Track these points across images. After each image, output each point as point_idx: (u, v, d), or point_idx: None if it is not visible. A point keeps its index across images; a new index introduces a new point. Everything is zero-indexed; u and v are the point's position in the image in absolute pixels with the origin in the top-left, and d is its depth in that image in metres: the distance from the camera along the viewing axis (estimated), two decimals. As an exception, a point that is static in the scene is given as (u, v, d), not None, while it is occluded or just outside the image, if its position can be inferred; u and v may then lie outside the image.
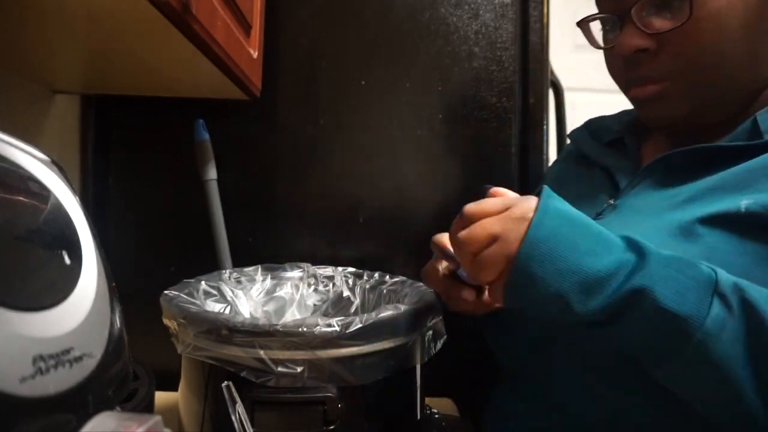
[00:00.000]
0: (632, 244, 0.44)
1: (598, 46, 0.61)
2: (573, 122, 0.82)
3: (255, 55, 0.79)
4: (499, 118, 0.92)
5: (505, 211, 0.46)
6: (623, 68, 0.58)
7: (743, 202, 0.47)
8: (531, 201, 0.46)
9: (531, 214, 0.45)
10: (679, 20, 0.51)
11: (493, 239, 0.45)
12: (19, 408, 0.24)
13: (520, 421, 0.60)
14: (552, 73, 1.09)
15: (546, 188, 0.48)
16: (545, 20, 0.92)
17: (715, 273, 0.42)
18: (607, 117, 0.72)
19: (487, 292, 0.55)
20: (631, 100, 0.60)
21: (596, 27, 0.61)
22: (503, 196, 0.52)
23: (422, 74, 0.91)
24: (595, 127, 0.70)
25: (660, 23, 0.52)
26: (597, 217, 0.58)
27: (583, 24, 0.61)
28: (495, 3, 0.91)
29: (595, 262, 0.43)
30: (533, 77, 0.92)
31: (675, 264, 0.42)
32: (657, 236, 0.50)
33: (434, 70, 0.91)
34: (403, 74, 0.91)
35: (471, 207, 0.48)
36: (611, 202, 0.59)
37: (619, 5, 0.55)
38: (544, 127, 0.93)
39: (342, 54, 0.91)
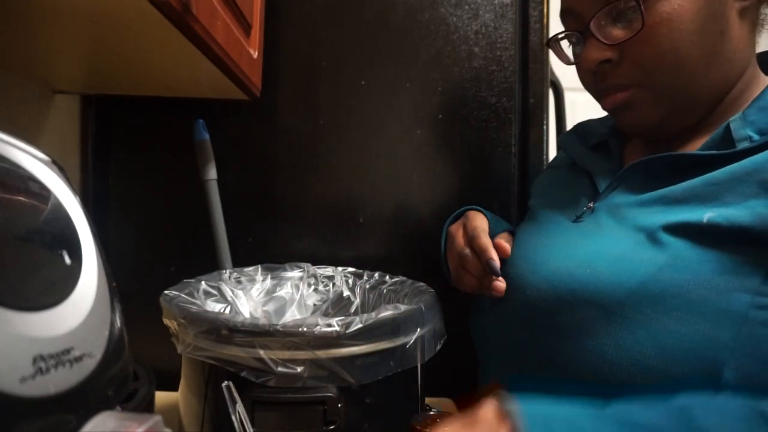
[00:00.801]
0: None
1: (569, 62, 0.63)
2: (573, 122, 0.82)
3: (255, 55, 0.79)
4: (499, 118, 0.92)
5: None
6: (592, 81, 0.59)
7: (706, 215, 0.48)
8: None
9: None
10: (633, 29, 0.53)
11: None
12: (19, 408, 0.24)
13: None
14: (552, 73, 1.09)
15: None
16: (545, 20, 0.92)
17: None
18: (594, 120, 0.74)
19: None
20: (605, 110, 0.62)
21: (566, 44, 0.64)
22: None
23: (422, 74, 0.91)
24: (582, 131, 0.72)
25: (618, 33, 0.54)
26: (577, 219, 0.60)
27: (553, 43, 0.63)
28: (495, 3, 0.91)
29: None
30: (533, 77, 0.92)
31: None
32: (627, 241, 0.52)
33: (434, 70, 0.91)
34: (403, 74, 0.91)
35: None
36: (590, 205, 0.60)
37: (580, 21, 0.57)
38: (544, 126, 0.93)
39: (342, 54, 0.91)
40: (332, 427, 0.51)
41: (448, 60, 0.91)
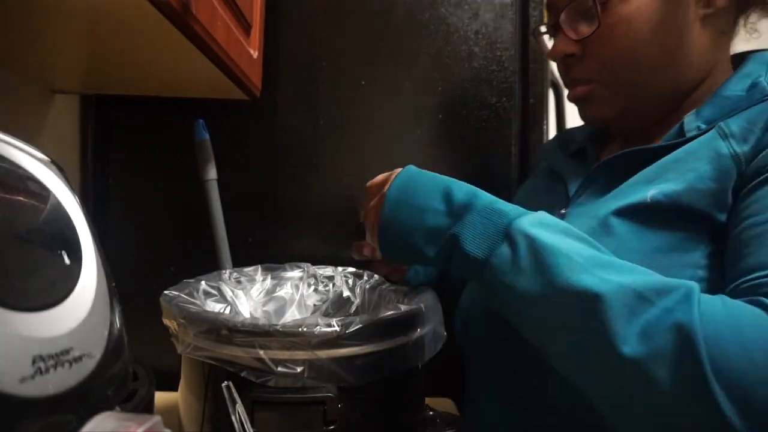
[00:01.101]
0: (467, 197, 0.52)
1: (547, 54, 0.66)
2: (573, 122, 0.82)
3: (255, 55, 0.79)
4: (499, 118, 0.92)
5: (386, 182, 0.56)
6: (563, 72, 0.63)
7: (649, 193, 0.51)
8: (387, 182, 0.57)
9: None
10: (592, 27, 0.56)
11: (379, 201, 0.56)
12: (19, 408, 0.24)
13: (497, 421, 0.61)
14: (552, 73, 1.09)
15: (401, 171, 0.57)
16: (545, 20, 0.92)
17: (514, 219, 0.49)
18: (575, 128, 0.76)
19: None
20: (570, 101, 0.64)
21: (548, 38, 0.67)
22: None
23: (422, 74, 0.91)
24: (563, 139, 0.73)
25: (583, 29, 0.57)
26: None
27: (536, 35, 0.67)
28: (495, 3, 0.91)
29: (431, 220, 0.52)
30: (533, 77, 0.92)
31: (486, 212, 0.50)
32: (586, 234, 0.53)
33: (434, 70, 0.91)
34: (403, 74, 0.91)
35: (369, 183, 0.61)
36: (562, 212, 0.61)
37: (556, 14, 0.60)
38: (544, 126, 0.93)
39: (342, 54, 0.91)
40: (332, 427, 0.51)
41: (448, 60, 0.91)
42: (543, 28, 0.66)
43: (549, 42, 0.67)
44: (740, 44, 0.60)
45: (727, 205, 0.48)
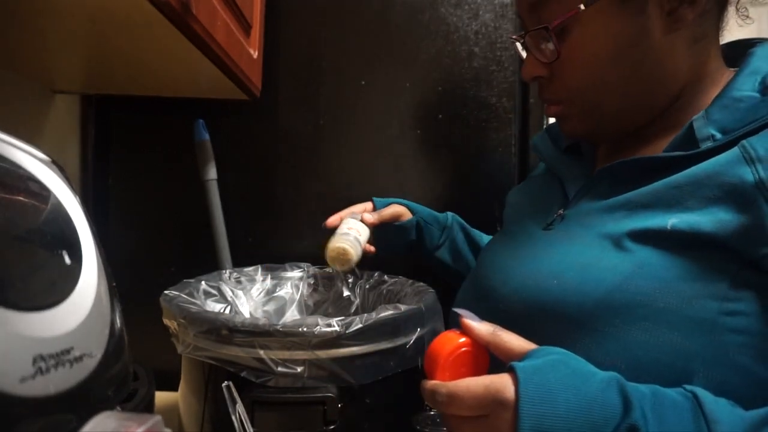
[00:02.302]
0: (627, 408, 0.41)
1: (521, 75, 0.65)
2: (573, 122, 0.83)
3: (255, 55, 0.79)
4: (499, 118, 0.92)
5: (479, 417, 0.43)
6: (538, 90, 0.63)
7: (670, 221, 0.48)
8: (507, 412, 0.41)
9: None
10: (553, 56, 0.55)
11: None
12: (19, 408, 0.24)
13: None
14: (552, 73, 1.09)
15: (522, 381, 0.41)
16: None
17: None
18: None
19: None
20: (549, 117, 0.64)
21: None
22: (471, 329, 0.47)
23: (422, 74, 0.91)
24: (555, 131, 0.71)
25: (548, 53, 0.56)
26: (547, 227, 0.60)
27: (512, 44, 0.67)
28: (495, 3, 0.91)
29: None
30: (533, 77, 0.92)
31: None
32: (593, 250, 0.51)
33: (434, 70, 0.91)
34: (403, 74, 0.91)
35: (442, 399, 0.44)
36: (560, 212, 0.60)
37: (523, 34, 0.60)
38: (544, 126, 0.93)
39: (342, 54, 0.91)
40: (332, 427, 0.51)
41: (448, 60, 0.91)
42: (518, 43, 0.64)
43: (523, 52, 0.65)
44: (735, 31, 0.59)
45: (764, 240, 0.44)
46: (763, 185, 0.44)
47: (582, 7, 0.52)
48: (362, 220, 0.75)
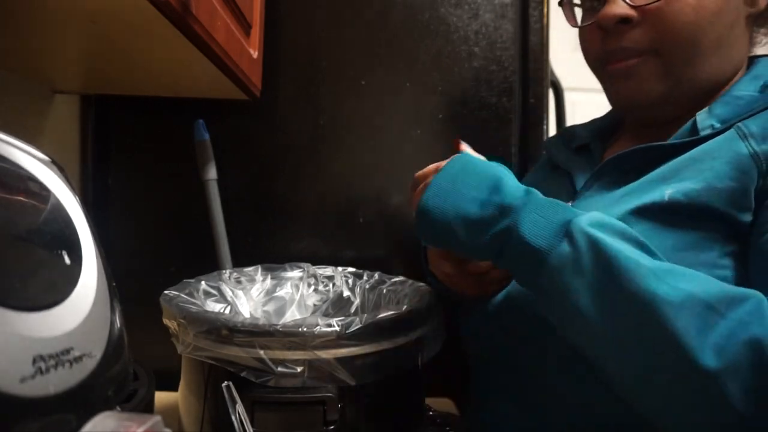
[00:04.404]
0: (518, 193, 0.50)
1: (575, 25, 0.63)
2: (573, 122, 0.82)
3: (255, 55, 0.79)
4: (499, 118, 0.92)
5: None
6: (601, 42, 0.59)
7: (667, 192, 0.50)
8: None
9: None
10: None
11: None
12: (19, 408, 0.24)
13: (505, 420, 0.60)
14: (552, 73, 1.09)
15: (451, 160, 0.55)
16: (545, 20, 0.92)
17: (574, 217, 0.47)
18: (578, 125, 0.75)
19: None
20: (607, 77, 0.61)
21: (578, 9, 0.64)
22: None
23: (422, 74, 0.91)
24: (568, 134, 0.73)
25: None
26: None
27: (565, 4, 0.64)
28: (495, 3, 0.91)
29: (477, 210, 0.50)
30: (533, 77, 0.92)
31: (544, 208, 0.49)
32: None
33: (434, 70, 0.91)
34: (403, 74, 0.91)
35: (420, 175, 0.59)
36: (568, 204, 0.60)
37: None
38: (544, 126, 0.93)
39: (342, 54, 0.91)
40: (332, 427, 0.51)
41: (448, 60, 0.91)
42: None
43: (579, 14, 0.64)
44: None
45: (749, 206, 0.48)
46: (756, 156, 0.48)
47: None
48: None
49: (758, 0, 0.56)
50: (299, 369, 0.49)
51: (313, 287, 0.77)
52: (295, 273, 0.77)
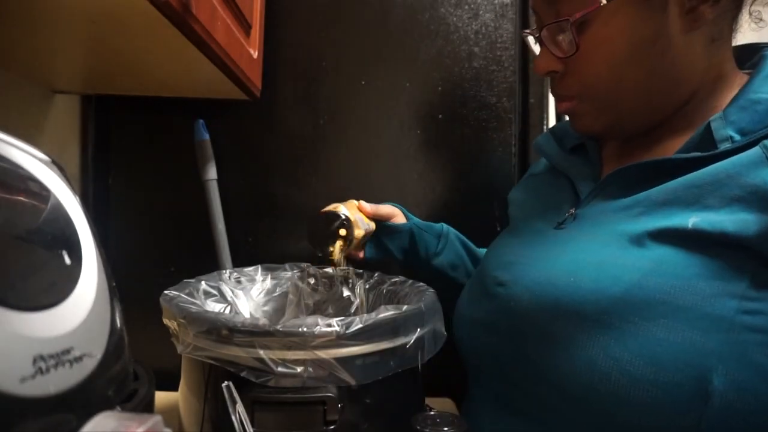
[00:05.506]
0: None
1: (534, 69, 0.66)
2: (573, 122, 0.83)
3: (255, 55, 0.79)
4: (499, 118, 0.92)
5: None
6: (551, 85, 0.62)
7: (691, 220, 0.48)
8: None
9: None
10: (571, 50, 0.55)
11: None
12: (19, 408, 0.24)
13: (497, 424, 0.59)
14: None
15: None
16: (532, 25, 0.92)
17: None
18: (568, 122, 0.73)
19: None
20: (560, 113, 0.64)
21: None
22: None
23: (422, 74, 0.91)
24: (559, 131, 0.71)
25: (564, 48, 0.56)
26: (558, 226, 0.60)
27: (524, 37, 0.65)
28: (495, 3, 0.91)
29: None
30: (533, 77, 0.92)
31: None
32: (609, 248, 0.51)
33: (434, 70, 0.91)
34: (403, 74, 0.91)
35: None
36: (572, 211, 0.60)
37: (538, 24, 0.59)
38: (544, 126, 0.93)
39: (342, 54, 0.91)
40: (332, 427, 0.51)
41: (448, 60, 0.91)
42: (530, 37, 0.63)
43: (535, 46, 0.65)
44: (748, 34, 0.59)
45: None
46: None
47: (604, 1, 0.52)
48: (359, 208, 0.76)
49: (701, 15, 0.52)
50: (299, 369, 0.49)
51: (313, 287, 0.77)
52: (295, 273, 0.77)
